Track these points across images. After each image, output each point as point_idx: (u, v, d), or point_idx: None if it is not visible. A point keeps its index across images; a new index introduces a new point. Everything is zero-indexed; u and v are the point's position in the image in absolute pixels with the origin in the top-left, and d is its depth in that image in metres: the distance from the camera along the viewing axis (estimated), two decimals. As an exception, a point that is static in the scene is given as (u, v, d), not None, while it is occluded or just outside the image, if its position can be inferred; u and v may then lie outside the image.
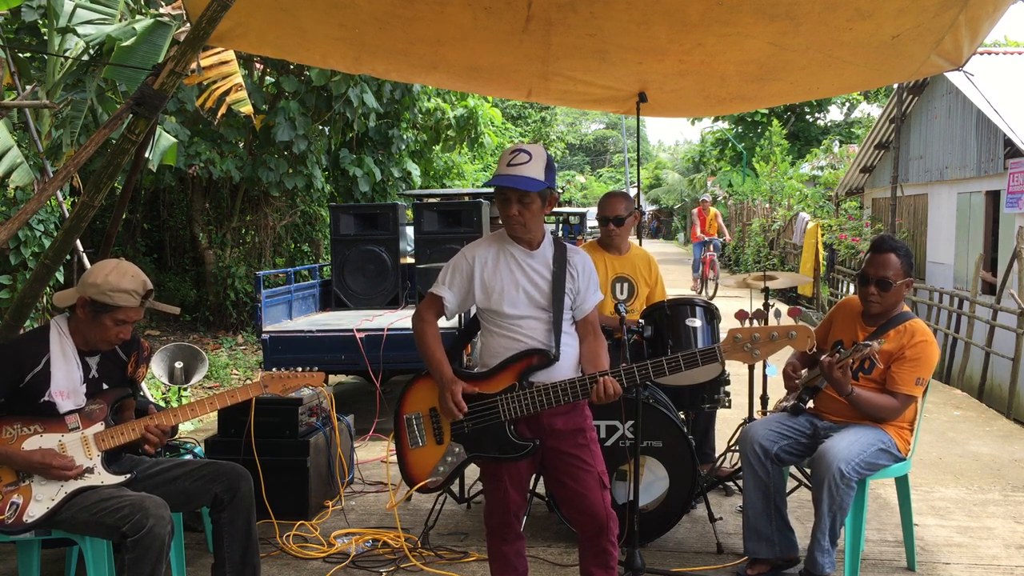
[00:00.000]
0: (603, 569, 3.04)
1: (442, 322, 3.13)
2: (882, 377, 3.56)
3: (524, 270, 2.99)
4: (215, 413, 4.68)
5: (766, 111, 26.29)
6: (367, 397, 6.75)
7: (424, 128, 13.11)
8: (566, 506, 3.12)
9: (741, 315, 3.73)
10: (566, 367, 2.99)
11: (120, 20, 5.46)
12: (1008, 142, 9.90)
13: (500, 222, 3.07)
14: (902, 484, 3.79)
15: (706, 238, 16.37)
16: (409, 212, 9.55)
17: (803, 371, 3.80)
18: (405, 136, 12.55)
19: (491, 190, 3.25)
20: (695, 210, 17.08)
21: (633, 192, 13.07)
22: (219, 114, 7.74)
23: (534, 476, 3.52)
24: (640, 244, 4.83)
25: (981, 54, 11.42)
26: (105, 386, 3.12)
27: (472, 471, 4.29)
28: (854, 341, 3.54)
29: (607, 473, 3.06)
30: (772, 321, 4.06)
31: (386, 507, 4.24)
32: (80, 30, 5.24)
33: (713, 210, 16.79)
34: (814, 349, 3.36)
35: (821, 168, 20.37)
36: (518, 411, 2.92)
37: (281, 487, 4.34)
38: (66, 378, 3.02)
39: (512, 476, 2.99)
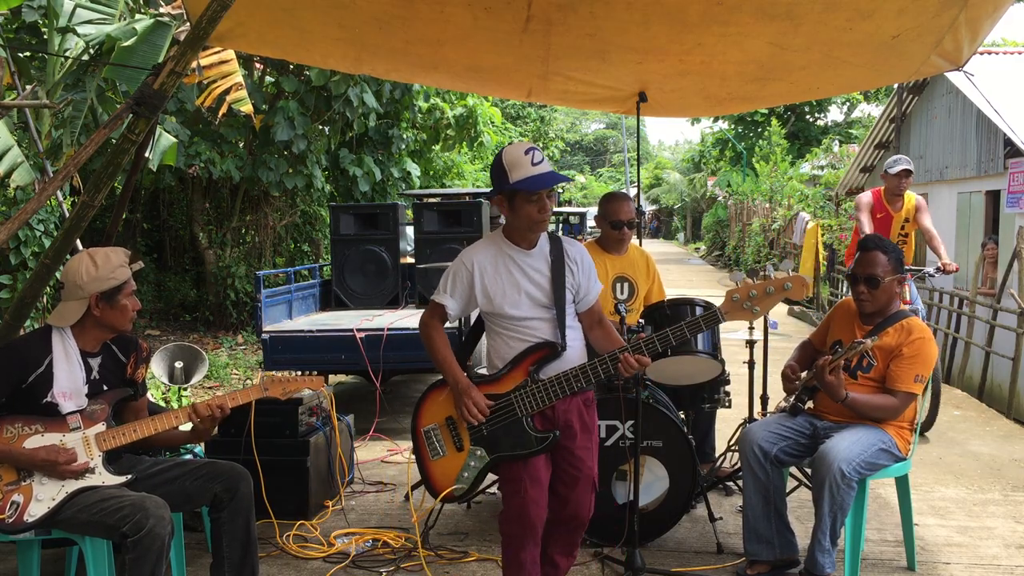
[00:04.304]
0: (567, 557, 3.18)
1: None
2: (881, 376, 3.57)
3: (524, 271, 3.01)
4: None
5: (766, 111, 26.30)
6: (367, 397, 6.75)
7: (424, 128, 13.10)
8: (553, 497, 3.11)
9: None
10: (573, 358, 3.04)
11: (120, 20, 5.45)
12: (1008, 142, 9.90)
13: (501, 222, 3.09)
14: (902, 484, 3.79)
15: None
16: (409, 212, 9.55)
17: (802, 374, 3.81)
18: (405, 136, 12.54)
19: (489, 190, 3.27)
20: (865, 197, 6.75)
21: (633, 192, 12.89)
22: (220, 113, 7.75)
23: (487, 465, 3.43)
24: (640, 244, 4.82)
25: (981, 54, 11.41)
26: (105, 387, 3.13)
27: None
28: (852, 340, 3.54)
29: (598, 474, 3.15)
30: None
31: (412, 519, 4.15)
32: (80, 30, 5.24)
33: (914, 198, 6.70)
34: (810, 296, 3.39)
35: (821, 168, 20.38)
36: (534, 405, 2.97)
37: (281, 487, 4.34)
38: (69, 379, 3.02)
39: (532, 477, 2.98)
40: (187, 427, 3.19)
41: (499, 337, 3.05)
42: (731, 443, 4.85)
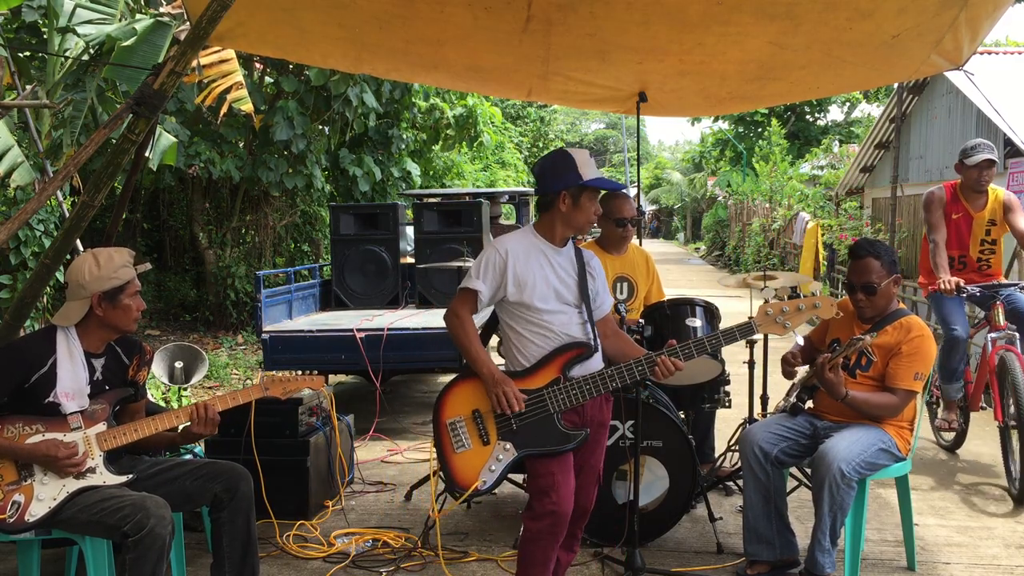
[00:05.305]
0: (568, 552, 3.22)
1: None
2: (880, 374, 3.57)
3: (553, 267, 3.08)
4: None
5: (766, 111, 26.31)
6: (367, 397, 6.75)
7: (424, 128, 13.10)
8: None
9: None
10: (599, 359, 3.12)
11: (120, 20, 5.45)
12: (1008, 142, 9.90)
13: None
14: (902, 484, 3.80)
15: (974, 287, 5.03)
16: (409, 212, 9.55)
17: (803, 367, 3.81)
18: (405, 136, 12.54)
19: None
20: (937, 192, 5.32)
21: (633, 192, 12.83)
22: (221, 113, 7.75)
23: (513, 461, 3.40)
24: (640, 244, 4.82)
25: (981, 54, 11.41)
26: (108, 388, 3.13)
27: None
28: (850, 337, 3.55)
29: (603, 469, 3.24)
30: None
31: (431, 514, 4.09)
32: (80, 30, 5.24)
33: (1001, 193, 5.32)
34: (840, 315, 3.47)
35: (821, 168, 20.38)
36: (567, 403, 3.00)
37: (281, 487, 4.34)
38: (72, 380, 3.02)
39: (564, 475, 2.99)
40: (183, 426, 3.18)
41: (521, 334, 3.07)
42: (731, 443, 4.85)
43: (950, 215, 5.27)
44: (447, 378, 4.06)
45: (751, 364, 4.77)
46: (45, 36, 5.81)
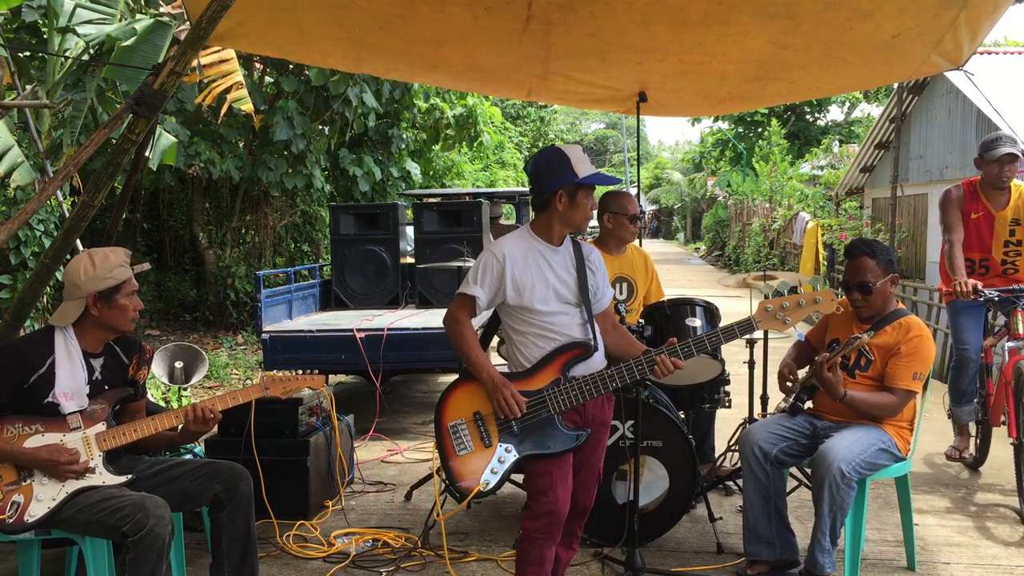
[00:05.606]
0: (568, 549, 3.23)
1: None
2: (879, 374, 3.57)
3: (552, 267, 3.06)
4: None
5: (766, 111, 26.31)
6: (367, 397, 6.75)
7: (424, 128, 13.10)
8: None
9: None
10: (600, 357, 3.11)
11: (120, 20, 5.45)
12: (1008, 142, 9.89)
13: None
14: (902, 484, 3.80)
15: (993, 291, 4.63)
16: (409, 212, 9.56)
17: (800, 371, 3.81)
18: (405, 136, 12.54)
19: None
20: (954, 191, 4.95)
21: (633, 192, 12.80)
22: (221, 113, 7.75)
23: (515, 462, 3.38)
24: (640, 244, 4.82)
25: (981, 54, 11.40)
26: (107, 387, 3.13)
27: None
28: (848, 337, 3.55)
29: (603, 469, 3.24)
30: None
31: (436, 517, 4.09)
32: (80, 30, 5.24)
33: None
34: (841, 310, 3.45)
35: (821, 168, 20.39)
36: (567, 403, 3.00)
37: (281, 487, 4.34)
38: (70, 380, 3.02)
39: (563, 475, 3.00)
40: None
41: (523, 336, 3.06)
42: (731, 443, 4.84)
43: (969, 215, 4.84)
44: (447, 378, 4.07)
45: (751, 364, 4.77)
46: (45, 36, 5.81)
